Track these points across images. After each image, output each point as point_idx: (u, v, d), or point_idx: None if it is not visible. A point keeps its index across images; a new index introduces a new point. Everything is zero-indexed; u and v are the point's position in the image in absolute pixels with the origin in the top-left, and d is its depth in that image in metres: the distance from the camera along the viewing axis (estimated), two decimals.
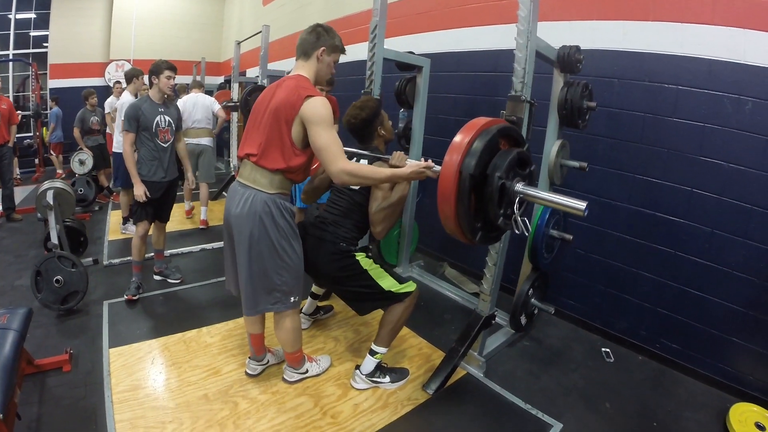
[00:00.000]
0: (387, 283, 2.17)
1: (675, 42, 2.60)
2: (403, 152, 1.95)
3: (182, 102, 4.79)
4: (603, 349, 2.83)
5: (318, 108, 1.79)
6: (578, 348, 2.87)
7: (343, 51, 2.02)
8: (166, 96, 3.18)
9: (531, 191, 1.52)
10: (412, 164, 1.80)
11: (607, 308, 3.02)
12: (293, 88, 1.83)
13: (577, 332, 3.08)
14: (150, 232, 3.34)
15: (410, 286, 2.22)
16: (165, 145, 3.15)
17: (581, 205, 1.44)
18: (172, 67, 3.11)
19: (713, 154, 2.50)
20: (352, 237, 2.25)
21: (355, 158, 2.28)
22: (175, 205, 3.53)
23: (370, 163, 2.18)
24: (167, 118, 3.15)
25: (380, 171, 1.82)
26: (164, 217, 3.41)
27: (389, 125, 2.44)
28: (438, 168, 1.56)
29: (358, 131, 2.34)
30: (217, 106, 5.10)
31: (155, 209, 3.24)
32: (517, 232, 1.56)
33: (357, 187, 2.25)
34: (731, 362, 2.49)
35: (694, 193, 2.59)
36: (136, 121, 3.01)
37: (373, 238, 3.11)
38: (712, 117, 2.49)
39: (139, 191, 3.03)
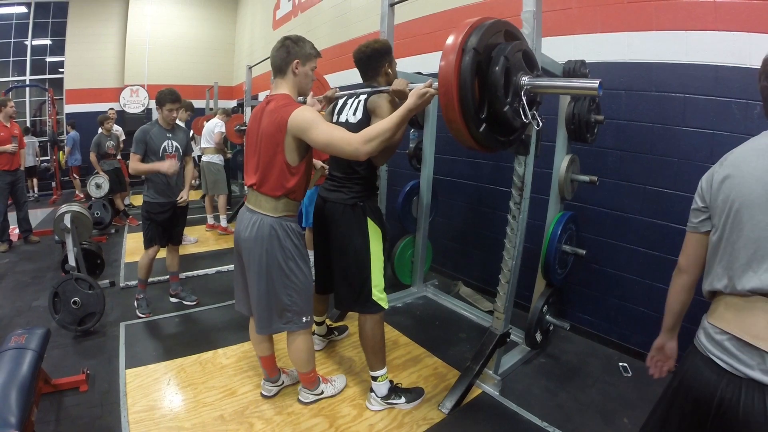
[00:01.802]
0: (377, 278, 2.14)
1: (680, 50, 2.61)
2: (403, 79, 1.91)
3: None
4: (620, 364, 2.79)
5: (303, 115, 1.79)
6: (595, 363, 2.83)
7: (318, 55, 1.98)
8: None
9: (539, 81, 1.44)
10: (414, 90, 1.71)
11: (623, 322, 2.98)
12: (275, 111, 1.85)
13: (593, 347, 3.03)
14: (163, 255, 3.41)
15: (385, 303, 2.19)
16: None
17: (594, 83, 1.38)
18: (176, 99, 3.14)
19: None
20: (366, 186, 2.19)
21: (355, 96, 2.20)
22: (191, 227, 3.58)
23: (368, 97, 2.11)
24: (174, 143, 3.22)
25: (390, 118, 1.71)
26: (176, 240, 3.47)
27: (396, 69, 2.31)
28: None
29: (367, 61, 2.20)
30: (216, 129, 5.60)
31: (165, 232, 3.30)
32: (526, 121, 1.47)
33: None
34: None
35: None
36: (144, 144, 3.08)
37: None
38: (721, 123, 2.49)
39: (165, 166, 3.03)
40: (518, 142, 2.03)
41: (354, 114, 2.15)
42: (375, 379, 2.25)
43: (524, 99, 1.45)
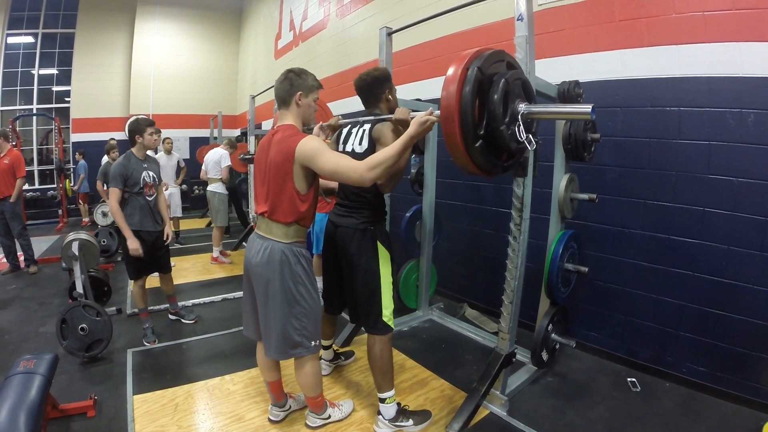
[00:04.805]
0: (387, 300, 2.19)
1: (673, 64, 2.67)
2: (404, 108, 1.98)
3: (207, 155, 5.89)
4: (628, 379, 2.77)
5: (309, 144, 1.85)
6: (603, 380, 2.82)
7: (319, 87, 2.06)
8: (147, 152, 3.30)
9: (535, 108, 1.52)
10: (416, 118, 1.78)
11: (630, 337, 2.97)
12: (282, 141, 1.92)
13: (600, 364, 3.02)
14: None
15: (392, 324, 2.23)
16: (150, 199, 3.25)
17: (586, 108, 1.44)
18: (153, 123, 3.26)
19: (721, 171, 2.53)
20: (376, 209, 2.25)
21: (359, 125, 2.28)
22: (197, 255, 3.62)
23: (373, 124, 2.18)
24: (151, 173, 3.27)
25: (393, 146, 1.77)
26: (164, 268, 3.50)
27: (396, 95, 2.39)
28: (439, 112, 1.58)
29: (368, 88, 2.29)
30: (223, 164, 5.69)
31: (150, 263, 3.32)
32: (521, 139, 1.52)
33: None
34: (760, 379, 2.43)
35: (706, 213, 2.60)
36: (124, 179, 3.11)
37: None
38: (717, 134, 2.53)
39: (135, 245, 3.09)
40: (516, 165, 2.09)
41: (360, 144, 2.24)
42: (383, 401, 2.24)
43: (521, 123, 1.53)
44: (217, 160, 5.69)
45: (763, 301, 2.40)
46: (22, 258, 5.32)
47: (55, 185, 8.95)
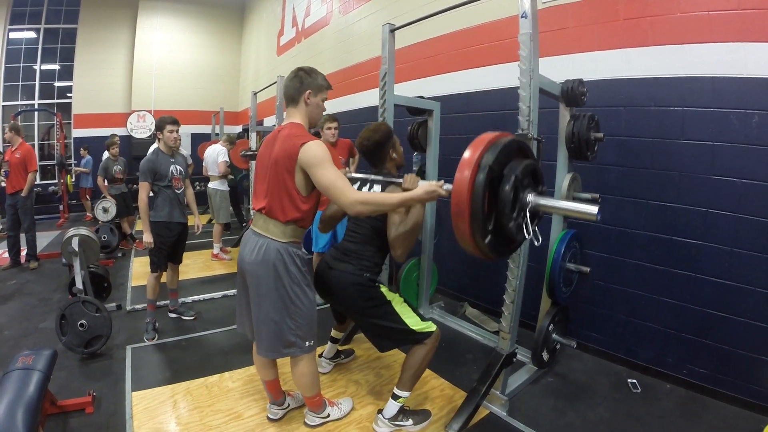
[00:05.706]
0: (411, 321, 2.15)
1: (677, 64, 2.66)
2: (415, 174, 1.97)
3: (206, 151, 5.86)
4: (629, 380, 2.76)
5: (314, 150, 1.83)
6: (603, 380, 2.81)
7: (329, 87, 2.05)
8: (173, 148, 3.44)
9: (543, 201, 1.52)
10: (424, 185, 1.80)
11: (631, 338, 2.96)
12: (288, 138, 1.90)
13: (601, 364, 3.01)
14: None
15: (432, 326, 2.19)
16: (178, 192, 3.43)
17: (593, 209, 1.43)
18: (174, 121, 3.41)
19: (725, 172, 2.51)
20: (375, 264, 2.25)
21: (368, 184, 2.30)
22: (197, 252, 3.63)
23: (383, 187, 2.20)
24: (178, 167, 3.43)
25: (392, 196, 1.81)
26: (177, 259, 3.65)
27: (401, 150, 2.44)
28: (449, 186, 1.56)
29: (371, 154, 2.33)
30: (219, 159, 5.67)
31: (170, 253, 3.46)
32: (527, 237, 1.53)
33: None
34: (761, 381, 2.41)
35: (709, 213, 2.58)
36: (153, 173, 3.28)
37: (391, 280, 3.06)
38: (721, 134, 2.52)
39: (149, 239, 3.28)
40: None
41: None
42: (396, 398, 2.21)
43: (528, 215, 1.52)
44: (214, 158, 5.68)
45: (765, 303, 2.39)
46: (23, 253, 5.32)
47: (56, 181, 8.96)
